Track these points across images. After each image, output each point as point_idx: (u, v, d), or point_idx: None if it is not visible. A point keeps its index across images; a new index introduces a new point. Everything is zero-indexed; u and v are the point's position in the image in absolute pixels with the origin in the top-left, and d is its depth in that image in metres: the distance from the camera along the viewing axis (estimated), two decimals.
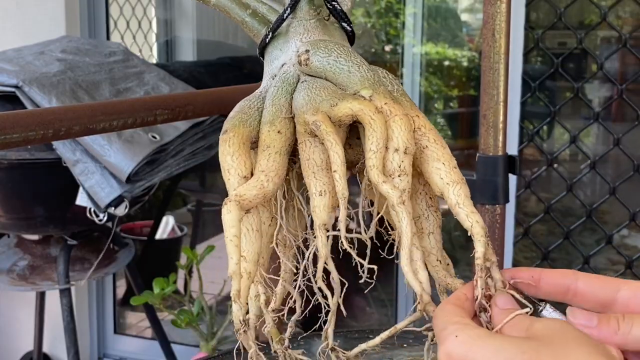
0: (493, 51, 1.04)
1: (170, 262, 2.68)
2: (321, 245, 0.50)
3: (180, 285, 2.40)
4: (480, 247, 0.49)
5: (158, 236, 2.92)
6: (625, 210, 2.05)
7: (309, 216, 0.57)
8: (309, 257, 0.53)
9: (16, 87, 1.60)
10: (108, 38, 2.48)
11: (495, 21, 1.03)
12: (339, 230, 0.51)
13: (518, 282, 0.50)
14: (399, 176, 0.51)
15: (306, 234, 0.57)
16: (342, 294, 0.53)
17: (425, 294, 0.50)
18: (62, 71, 1.68)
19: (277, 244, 0.56)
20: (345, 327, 0.57)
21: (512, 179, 1.28)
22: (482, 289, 0.49)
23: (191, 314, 1.83)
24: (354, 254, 0.51)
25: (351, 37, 0.62)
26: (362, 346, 0.53)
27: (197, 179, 3.02)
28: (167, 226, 3.06)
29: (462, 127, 3.22)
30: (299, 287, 0.54)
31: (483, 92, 1.06)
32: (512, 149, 2.02)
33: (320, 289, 0.52)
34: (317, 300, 0.53)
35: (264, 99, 0.58)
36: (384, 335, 0.52)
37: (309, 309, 0.56)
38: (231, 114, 0.57)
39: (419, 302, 0.50)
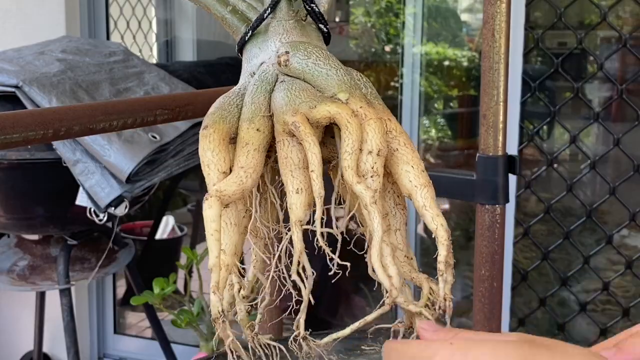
0: (493, 51, 1.04)
1: (170, 262, 2.68)
2: (297, 240, 0.53)
3: (180, 285, 2.40)
4: (443, 251, 0.52)
5: (158, 236, 2.92)
6: (625, 210, 2.05)
7: (282, 210, 0.59)
8: (281, 249, 0.55)
9: (16, 87, 1.60)
10: (108, 38, 2.48)
11: (495, 21, 1.04)
12: (314, 225, 0.53)
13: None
14: (371, 177, 0.53)
15: (278, 226, 0.59)
16: (313, 286, 0.55)
17: (394, 288, 0.52)
18: (62, 71, 1.68)
19: (250, 234, 0.58)
20: (345, 327, 0.57)
21: (512, 179, 1.28)
22: (444, 291, 0.51)
23: (191, 314, 1.83)
24: (328, 250, 0.53)
25: (327, 38, 0.64)
26: (333, 335, 0.54)
27: (197, 179, 3.01)
28: (167, 226, 3.06)
29: (462, 127, 3.22)
30: (272, 277, 0.56)
31: (483, 92, 1.06)
32: (512, 149, 2.02)
33: (289, 281, 0.54)
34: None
35: (243, 96, 0.60)
36: (354, 326, 0.54)
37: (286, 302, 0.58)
38: (211, 109, 0.59)
39: (388, 296, 0.52)
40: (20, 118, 0.89)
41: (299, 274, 0.53)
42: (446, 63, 2.99)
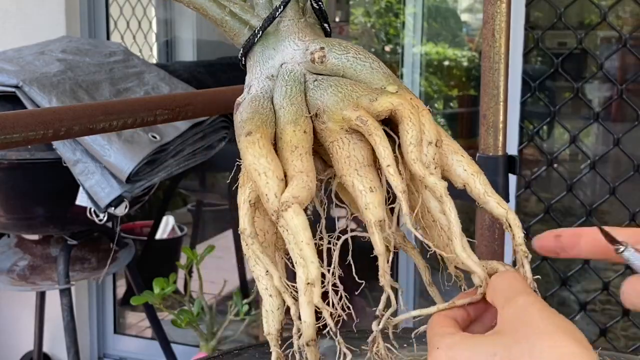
0: (493, 51, 1.04)
1: (170, 262, 2.68)
2: (379, 242, 0.49)
3: (180, 285, 2.40)
4: (519, 232, 0.52)
5: (158, 236, 2.92)
6: (625, 210, 2.05)
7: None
8: (334, 259, 0.52)
9: (16, 87, 1.60)
10: (108, 38, 2.48)
11: (495, 21, 1.04)
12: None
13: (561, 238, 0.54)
14: (434, 168, 0.51)
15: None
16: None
17: (487, 276, 0.51)
18: (62, 71, 1.68)
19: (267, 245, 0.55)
20: (345, 327, 0.56)
21: (512, 179, 1.28)
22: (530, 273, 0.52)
23: (191, 314, 1.83)
24: (425, 240, 0.51)
25: (327, 37, 0.62)
26: (424, 311, 0.52)
27: (197, 179, 3.02)
28: (167, 226, 3.06)
29: (462, 127, 3.22)
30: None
31: (483, 92, 1.06)
32: (512, 149, 2.02)
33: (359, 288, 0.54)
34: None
35: (270, 99, 0.56)
36: (441, 306, 0.52)
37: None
38: (246, 115, 0.55)
39: (479, 286, 0.51)
40: (20, 118, 0.89)
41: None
42: (446, 63, 2.99)
